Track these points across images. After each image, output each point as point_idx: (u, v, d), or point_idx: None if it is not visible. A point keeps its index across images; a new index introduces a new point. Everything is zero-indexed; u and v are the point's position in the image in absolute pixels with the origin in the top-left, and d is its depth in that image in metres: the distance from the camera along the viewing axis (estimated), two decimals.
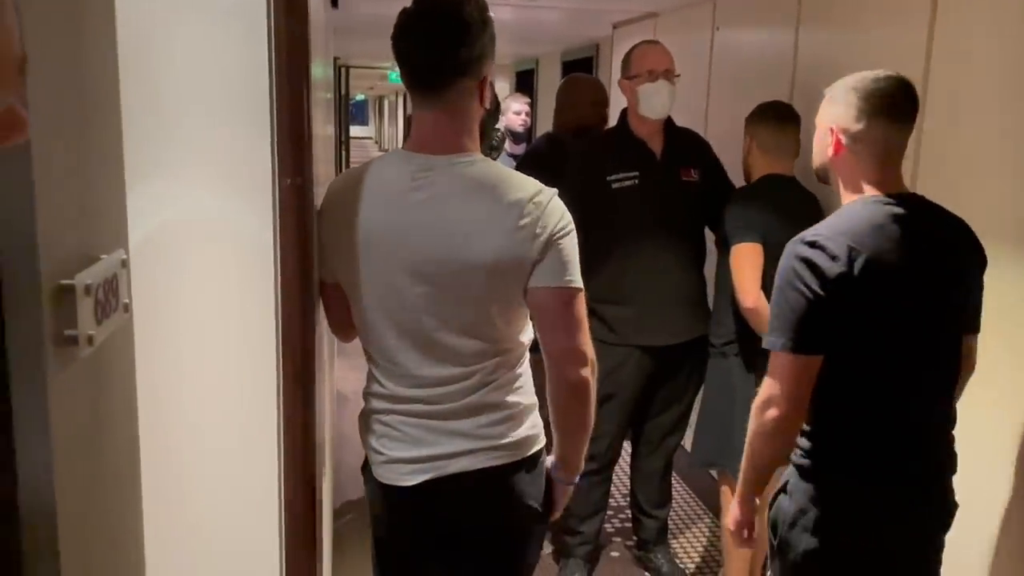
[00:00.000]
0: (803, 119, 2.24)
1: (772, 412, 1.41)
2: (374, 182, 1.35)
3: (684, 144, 2.47)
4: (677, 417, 2.60)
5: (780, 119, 2.22)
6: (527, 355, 1.44)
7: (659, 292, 2.39)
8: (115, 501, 0.84)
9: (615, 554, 2.85)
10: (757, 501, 1.59)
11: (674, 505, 2.94)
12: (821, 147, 1.51)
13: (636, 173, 2.36)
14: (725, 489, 2.36)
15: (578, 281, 1.32)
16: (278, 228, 1.10)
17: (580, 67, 4.85)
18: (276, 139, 1.11)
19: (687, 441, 2.79)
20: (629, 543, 2.87)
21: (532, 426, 1.43)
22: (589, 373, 1.35)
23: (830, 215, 1.47)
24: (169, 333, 1.03)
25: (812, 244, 1.36)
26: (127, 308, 0.80)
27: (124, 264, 0.79)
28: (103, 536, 0.80)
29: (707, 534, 3.00)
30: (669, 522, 2.79)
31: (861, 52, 2.24)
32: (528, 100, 3.81)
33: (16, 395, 0.59)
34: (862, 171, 1.43)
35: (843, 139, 1.44)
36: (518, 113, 3.68)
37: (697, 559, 2.84)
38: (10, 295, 0.58)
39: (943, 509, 1.47)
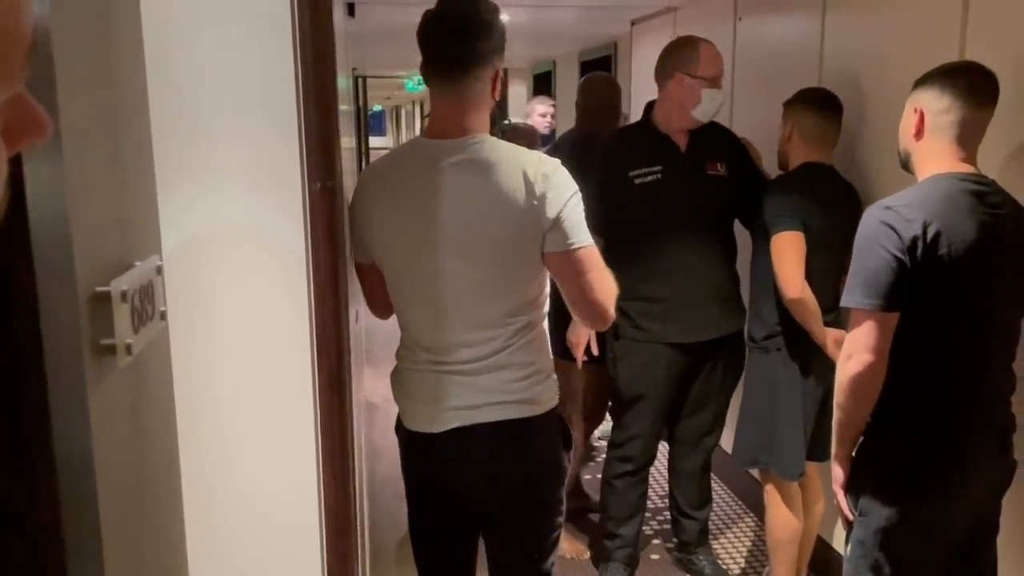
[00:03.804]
0: None
1: (855, 365, 1.49)
2: (400, 168, 1.52)
3: (710, 138, 2.41)
4: (713, 416, 2.54)
5: (824, 108, 2.17)
6: (545, 315, 1.57)
7: (687, 288, 2.34)
8: (157, 514, 0.83)
9: (655, 557, 2.80)
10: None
11: (714, 506, 2.88)
12: (906, 129, 1.59)
13: (659, 168, 2.31)
14: (769, 488, 2.30)
15: (584, 239, 1.44)
16: (309, 232, 1.09)
17: (598, 66, 4.82)
18: (304, 143, 1.09)
19: (725, 441, 2.74)
20: (669, 545, 2.81)
21: (549, 383, 1.56)
22: (612, 310, 1.51)
23: (906, 188, 1.53)
24: (204, 340, 1.02)
25: (890, 208, 1.47)
26: (163, 316, 0.79)
27: (159, 271, 0.77)
28: (146, 548, 0.78)
29: (749, 535, 2.93)
30: (710, 523, 2.73)
31: (892, 38, 2.18)
32: (553, 103, 3.81)
33: (56, 410, 0.57)
34: (940, 150, 1.52)
35: (927, 119, 1.53)
36: (543, 115, 3.68)
37: (741, 561, 2.78)
38: (47, 304, 0.56)
39: (1005, 466, 1.56)
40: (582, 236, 1.44)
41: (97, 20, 0.72)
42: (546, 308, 1.57)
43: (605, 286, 1.49)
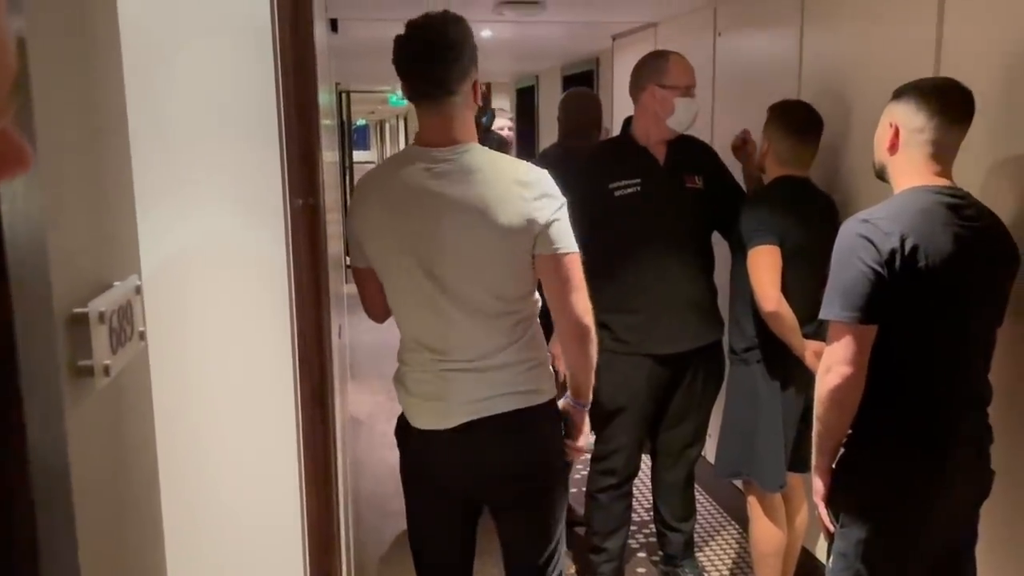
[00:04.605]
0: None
1: (834, 377, 1.50)
2: (395, 176, 1.57)
3: (687, 151, 2.44)
4: (695, 427, 2.55)
5: (801, 132, 2.18)
6: (537, 314, 1.64)
7: (666, 299, 2.36)
8: (137, 534, 0.82)
9: (641, 570, 2.79)
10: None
11: (699, 517, 2.89)
12: (880, 142, 1.61)
13: (638, 180, 2.34)
14: (752, 500, 2.31)
15: (570, 246, 1.54)
16: (291, 249, 1.09)
17: (581, 81, 4.86)
18: (286, 160, 1.09)
19: (708, 451, 2.75)
20: (655, 558, 2.81)
21: (548, 376, 1.64)
22: (587, 320, 1.57)
23: (883, 202, 1.55)
24: (184, 358, 1.01)
25: (867, 221, 1.48)
26: (143, 336, 0.78)
27: (138, 290, 0.77)
28: (126, 569, 0.77)
29: (734, 546, 2.94)
30: (695, 535, 2.73)
31: (869, 51, 2.22)
32: (511, 116, 3.96)
33: (33, 432, 0.56)
34: (915, 164, 1.55)
35: (902, 134, 1.56)
36: (501, 128, 3.78)
37: (726, 572, 2.78)
38: (23, 325, 0.56)
39: (984, 476, 1.57)
40: (570, 242, 1.53)
41: (75, 38, 0.72)
42: (538, 305, 1.63)
43: (583, 295, 1.56)
